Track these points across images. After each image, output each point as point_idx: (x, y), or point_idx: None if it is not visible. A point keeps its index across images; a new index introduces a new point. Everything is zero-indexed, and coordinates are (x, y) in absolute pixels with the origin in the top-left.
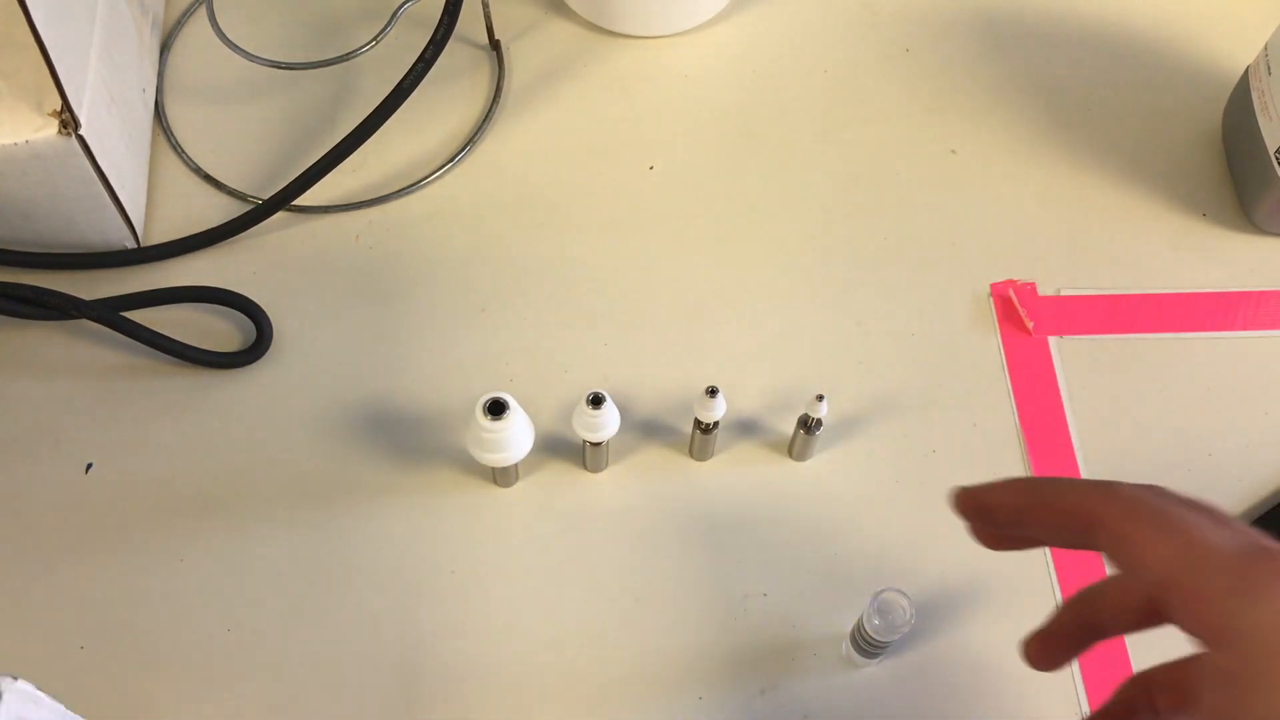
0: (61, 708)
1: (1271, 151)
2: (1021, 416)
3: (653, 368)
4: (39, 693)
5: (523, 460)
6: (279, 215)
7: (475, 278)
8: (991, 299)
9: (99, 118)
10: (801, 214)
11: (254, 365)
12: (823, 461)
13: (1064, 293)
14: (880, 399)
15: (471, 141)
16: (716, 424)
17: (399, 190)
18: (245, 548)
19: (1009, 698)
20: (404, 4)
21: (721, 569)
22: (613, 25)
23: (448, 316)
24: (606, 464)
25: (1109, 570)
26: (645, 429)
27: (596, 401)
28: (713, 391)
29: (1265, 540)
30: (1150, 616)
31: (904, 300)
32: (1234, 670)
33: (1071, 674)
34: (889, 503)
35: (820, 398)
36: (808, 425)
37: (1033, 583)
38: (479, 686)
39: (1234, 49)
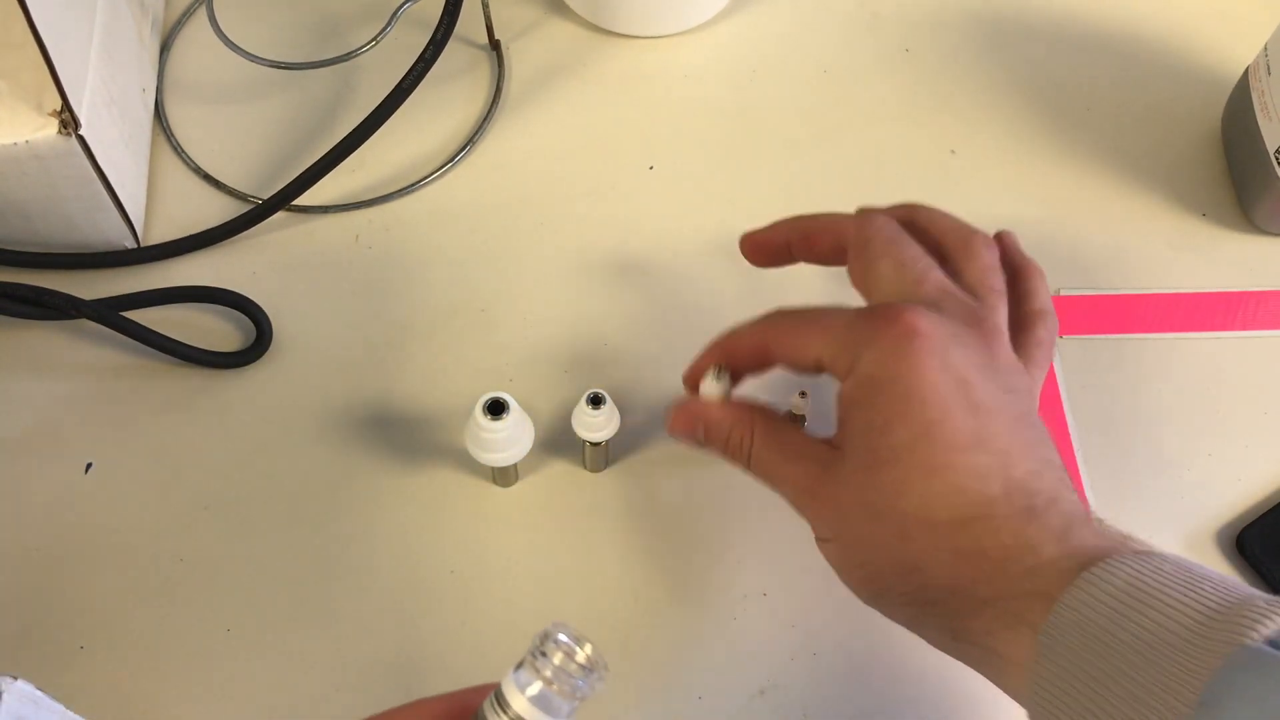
0: (61, 708)
1: (1271, 151)
2: None
3: (653, 368)
4: (39, 693)
5: (523, 460)
6: (279, 215)
7: (475, 277)
8: None
9: (99, 117)
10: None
11: (254, 365)
12: None
13: (1064, 293)
14: None
15: (471, 141)
16: None
17: (399, 190)
18: (245, 548)
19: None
20: (404, 4)
21: (722, 569)
22: (613, 25)
23: (448, 316)
24: (606, 464)
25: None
26: (645, 429)
27: (596, 401)
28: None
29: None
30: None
31: None
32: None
33: None
34: None
35: (803, 394)
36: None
37: None
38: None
39: (1234, 49)
